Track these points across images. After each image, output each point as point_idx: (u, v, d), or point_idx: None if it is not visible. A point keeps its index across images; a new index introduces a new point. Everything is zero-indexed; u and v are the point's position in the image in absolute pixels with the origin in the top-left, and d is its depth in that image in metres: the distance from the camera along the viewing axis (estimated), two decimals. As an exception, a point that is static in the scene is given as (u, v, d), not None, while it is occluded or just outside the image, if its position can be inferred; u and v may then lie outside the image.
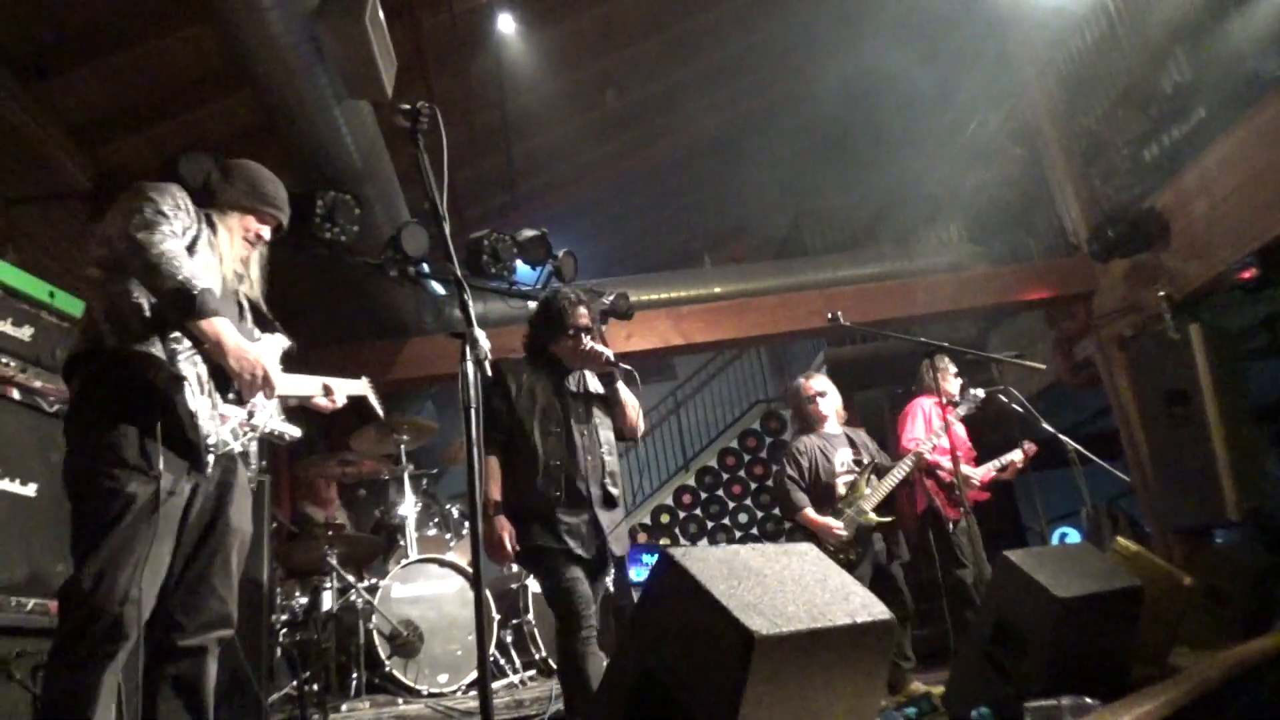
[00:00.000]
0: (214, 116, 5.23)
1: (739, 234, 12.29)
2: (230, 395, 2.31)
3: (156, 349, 2.15)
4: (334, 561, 4.36)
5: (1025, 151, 8.28)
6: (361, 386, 2.95)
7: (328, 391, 2.70)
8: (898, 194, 9.79)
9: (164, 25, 4.55)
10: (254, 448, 2.45)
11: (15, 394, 2.73)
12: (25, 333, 2.82)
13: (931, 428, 5.02)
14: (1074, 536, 9.77)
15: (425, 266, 4.65)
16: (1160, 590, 3.42)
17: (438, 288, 6.37)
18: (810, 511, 4.52)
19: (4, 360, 2.72)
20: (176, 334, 2.18)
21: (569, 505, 3.09)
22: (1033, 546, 5.09)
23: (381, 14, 3.95)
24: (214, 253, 2.38)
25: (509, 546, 3.02)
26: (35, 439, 2.78)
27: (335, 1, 3.76)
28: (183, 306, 2.11)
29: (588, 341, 3.31)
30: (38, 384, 2.82)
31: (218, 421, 2.24)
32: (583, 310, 3.39)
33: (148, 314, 2.16)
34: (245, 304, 2.52)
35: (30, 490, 2.71)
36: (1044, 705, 2.41)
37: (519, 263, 4.86)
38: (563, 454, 3.15)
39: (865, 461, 4.64)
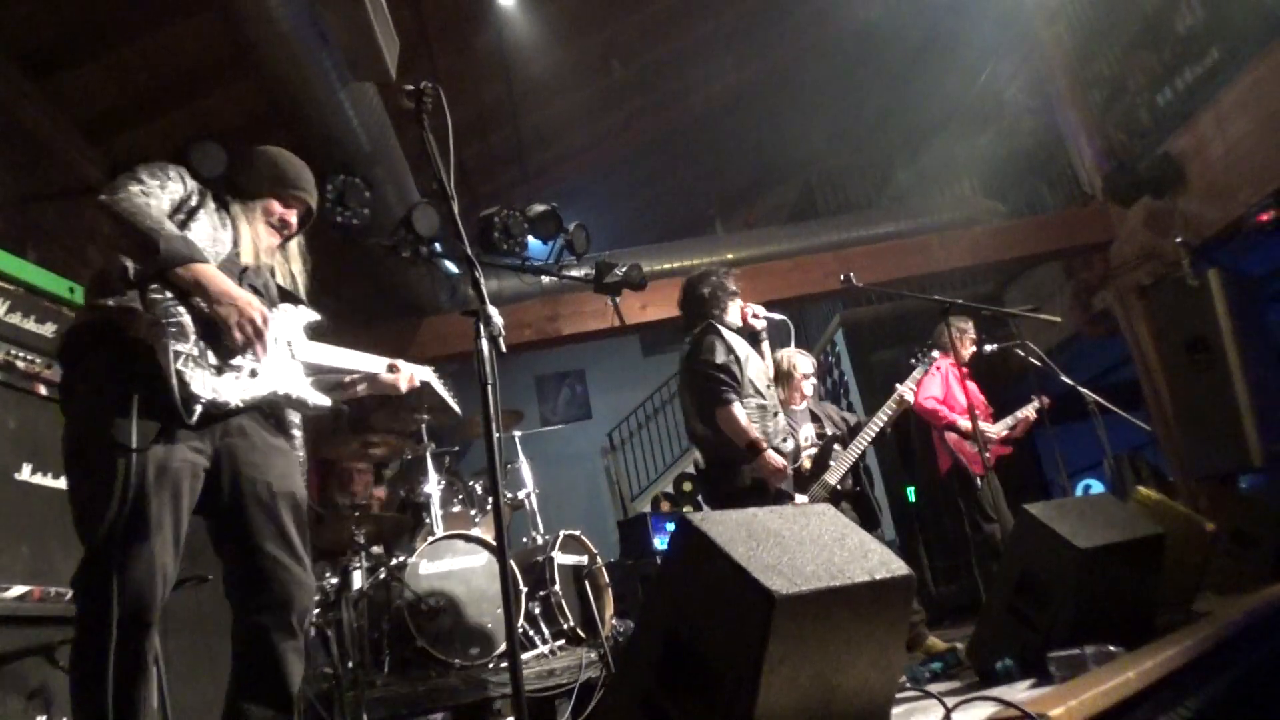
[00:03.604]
0: (222, 104, 5.25)
1: (750, 199, 12.23)
2: (225, 349, 2.11)
3: (134, 302, 1.99)
4: (362, 541, 4.42)
5: (1037, 101, 8.18)
6: (426, 374, 2.82)
7: (394, 369, 2.56)
8: (910, 151, 9.71)
9: (168, 15, 4.56)
10: (296, 418, 2.33)
11: (42, 389, 2.78)
12: (48, 329, 2.87)
13: (949, 388, 5.02)
14: (1098, 488, 9.74)
15: (438, 246, 4.67)
16: (1183, 537, 3.42)
17: (451, 266, 6.40)
18: None
19: (30, 357, 2.77)
20: (157, 285, 2.03)
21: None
22: (1055, 499, 5.09)
23: (381, -6, 3.94)
24: (222, 228, 2.28)
25: (789, 470, 3.73)
26: (64, 432, 2.84)
27: (335, -16, 3.76)
28: (151, 256, 1.98)
29: (751, 307, 4.06)
30: (63, 378, 2.87)
31: (210, 374, 2.05)
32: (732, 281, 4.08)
33: (131, 275, 2.02)
34: (270, 285, 2.40)
35: (62, 483, 2.75)
36: (1068, 654, 2.42)
37: (530, 238, 4.86)
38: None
39: (830, 434, 4.59)
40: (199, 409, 2.00)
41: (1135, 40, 6.75)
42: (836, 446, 4.50)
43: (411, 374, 2.67)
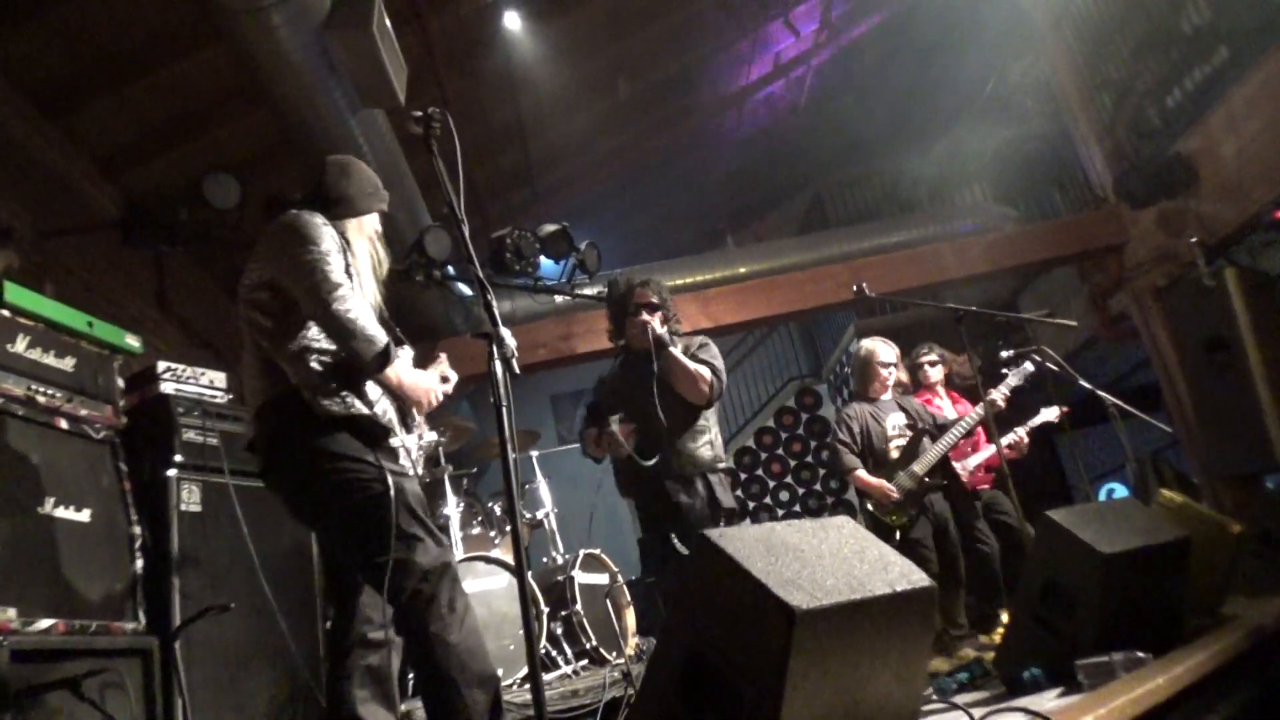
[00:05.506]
0: (234, 136, 5.30)
1: (760, 212, 12.24)
2: (409, 420, 2.51)
3: (359, 407, 2.29)
4: (383, 565, 4.42)
5: (1045, 105, 8.17)
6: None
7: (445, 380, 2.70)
8: (919, 159, 9.70)
9: (179, 50, 4.61)
10: None
11: (63, 423, 2.81)
12: (68, 363, 2.89)
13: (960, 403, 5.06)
14: (1121, 492, 9.66)
15: (450, 269, 4.69)
16: (1209, 539, 3.37)
17: (465, 289, 6.43)
18: (862, 472, 4.52)
19: (50, 391, 2.79)
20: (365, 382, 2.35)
21: (633, 479, 3.71)
22: (1078, 504, 5.04)
23: (389, 22, 3.98)
24: (362, 273, 2.45)
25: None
26: (85, 465, 2.86)
27: (342, 13, 3.80)
28: (376, 366, 2.25)
29: (643, 316, 3.57)
30: (84, 412, 2.89)
31: (409, 456, 2.43)
32: (641, 289, 3.64)
33: (330, 377, 2.29)
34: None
35: (85, 516, 2.78)
36: (1096, 662, 2.40)
37: (542, 258, 4.88)
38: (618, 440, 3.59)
39: (919, 426, 4.62)
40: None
41: (1142, 42, 6.73)
42: (926, 440, 4.53)
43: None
